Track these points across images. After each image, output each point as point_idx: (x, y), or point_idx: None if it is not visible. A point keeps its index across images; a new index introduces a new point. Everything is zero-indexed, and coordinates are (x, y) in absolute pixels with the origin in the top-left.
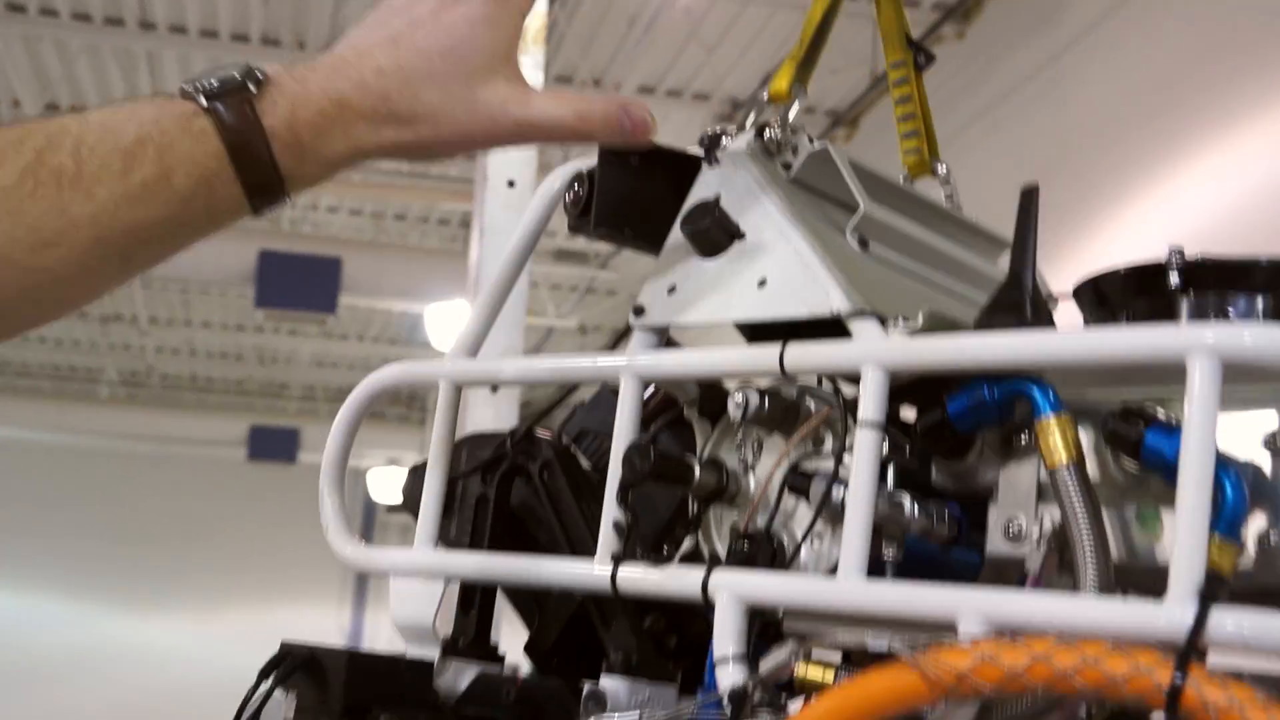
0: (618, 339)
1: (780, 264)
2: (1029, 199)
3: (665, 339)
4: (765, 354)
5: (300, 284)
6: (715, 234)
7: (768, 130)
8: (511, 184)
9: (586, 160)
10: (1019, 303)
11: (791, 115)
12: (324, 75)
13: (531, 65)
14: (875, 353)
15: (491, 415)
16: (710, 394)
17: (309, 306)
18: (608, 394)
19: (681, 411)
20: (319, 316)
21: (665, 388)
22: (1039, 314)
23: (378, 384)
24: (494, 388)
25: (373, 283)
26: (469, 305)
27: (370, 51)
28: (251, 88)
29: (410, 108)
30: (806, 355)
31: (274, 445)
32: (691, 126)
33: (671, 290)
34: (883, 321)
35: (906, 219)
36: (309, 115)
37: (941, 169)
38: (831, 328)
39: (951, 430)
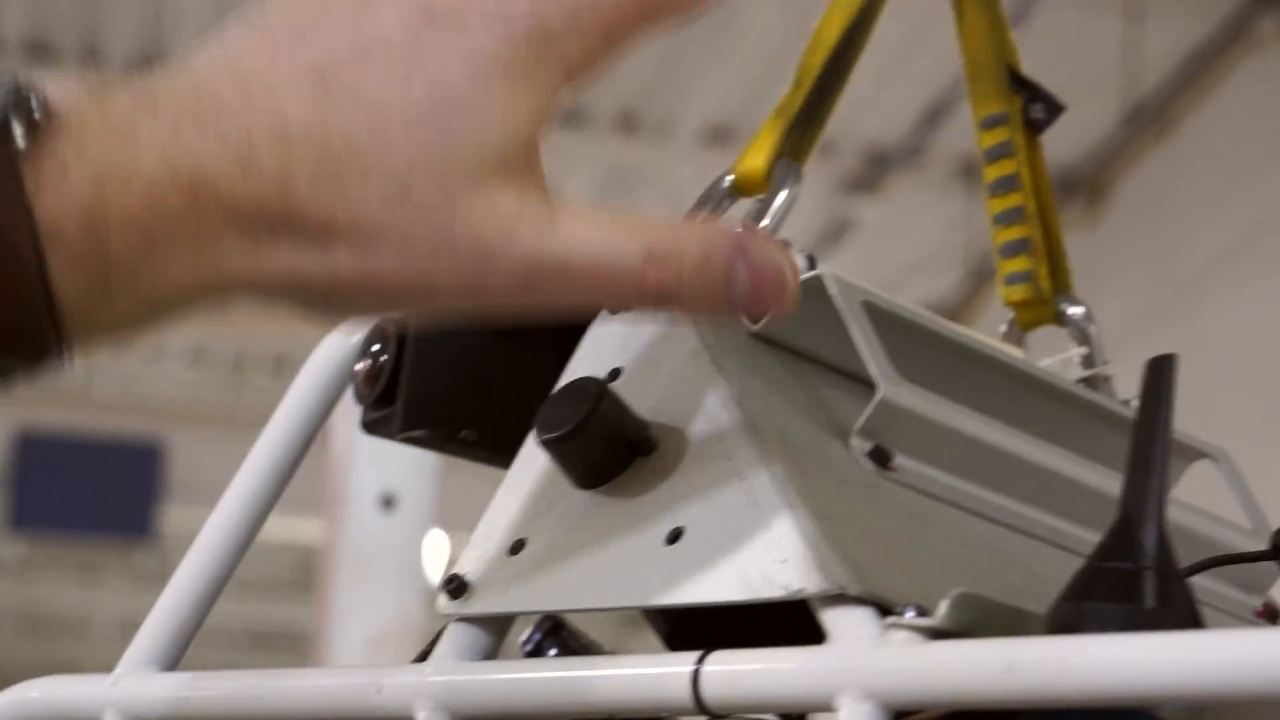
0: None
1: (713, 504)
2: (1160, 374)
3: (506, 631)
4: (667, 671)
5: (91, 488)
6: (597, 443)
7: None
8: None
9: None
10: (1130, 576)
11: (772, 215)
12: (169, 124)
13: None
14: (859, 672)
15: None
16: None
17: (107, 528)
18: None
19: None
20: (125, 545)
21: None
22: (1169, 596)
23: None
24: None
25: (222, 481)
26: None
27: (272, 89)
28: (18, 134)
29: (329, 213)
30: (743, 677)
31: None
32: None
33: (517, 549)
34: (885, 612)
35: (978, 411)
36: (129, 204)
37: (1074, 311)
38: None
39: None
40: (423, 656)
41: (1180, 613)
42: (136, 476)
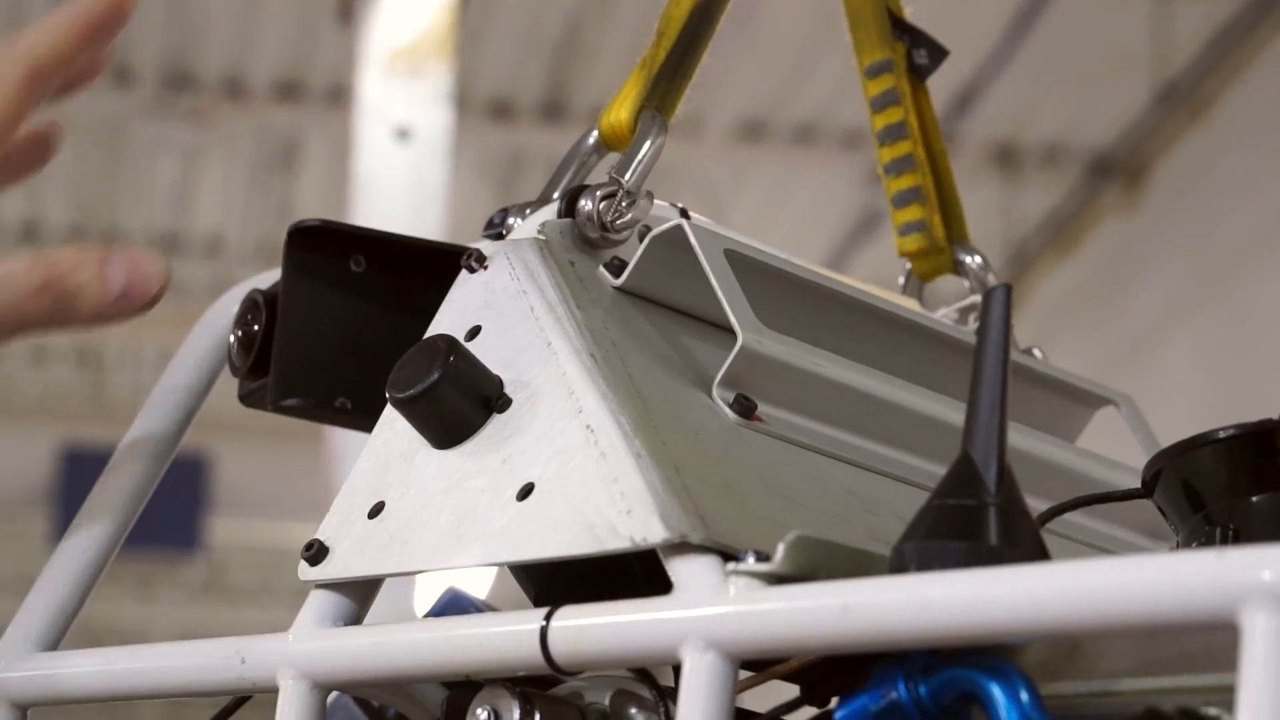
0: None
1: (563, 457)
2: (994, 306)
3: (371, 595)
4: (514, 631)
5: None
6: (449, 402)
7: (584, 201)
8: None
9: (272, 274)
10: (972, 512)
11: (635, 168)
12: None
13: (430, 95)
14: (699, 622)
15: None
16: (464, 708)
17: (154, 541)
18: (348, 708)
19: None
20: (171, 561)
21: (378, 699)
22: (1013, 533)
23: None
24: None
25: (267, 493)
26: None
27: None
28: None
29: None
30: (589, 631)
31: None
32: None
33: (376, 511)
34: (728, 559)
35: (847, 358)
36: None
37: (971, 260)
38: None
39: None
40: None
41: (1026, 550)
42: (183, 489)
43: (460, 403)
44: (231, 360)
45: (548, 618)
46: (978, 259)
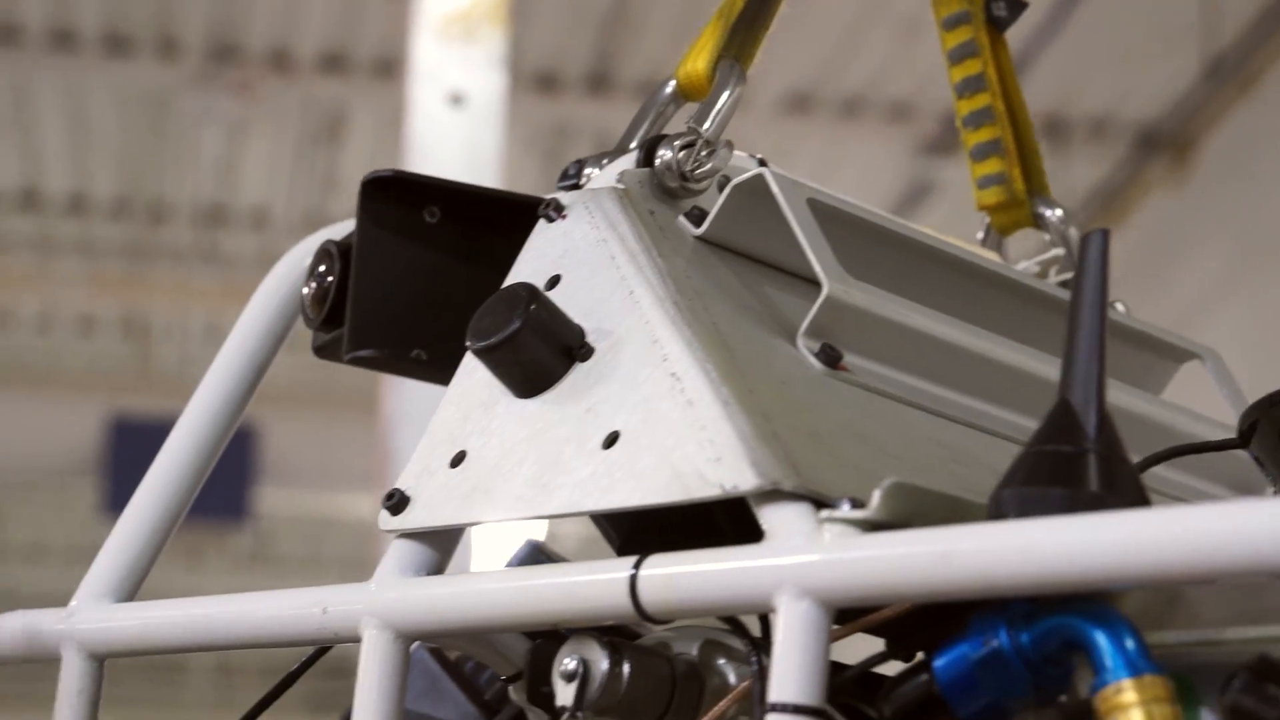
0: None
1: (648, 405)
2: (1092, 252)
3: (453, 545)
4: (602, 580)
5: None
6: (530, 350)
7: (663, 150)
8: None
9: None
10: (1072, 459)
11: (714, 117)
12: None
13: (484, 61)
14: (793, 569)
15: None
16: (548, 659)
17: (203, 511)
18: (424, 663)
19: None
20: (219, 530)
21: (462, 651)
22: (1113, 479)
23: None
24: None
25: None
26: None
27: None
28: None
29: None
30: (679, 580)
31: None
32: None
33: (458, 461)
34: (821, 507)
35: (933, 309)
36: None
37: (1052, 213)
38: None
39: (947, 715)
40: None
41: (1127, 497)
42: (230, 459)
43: (541, 351)
44: (305, 312)
45: (636, 566)
46: (1059, 212)
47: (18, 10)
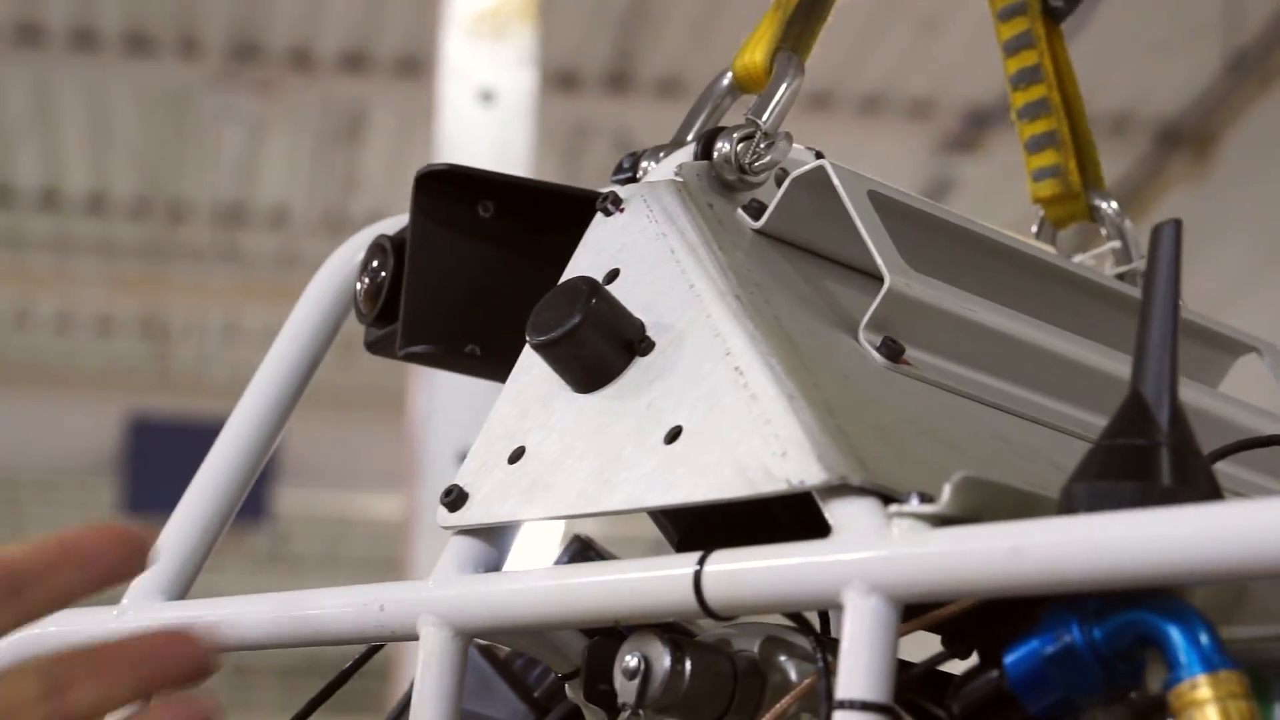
0: None
1: (711, 400)
2: (1164, 243)
3: (509, 541)
4: (667, 576)
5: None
6: (591, 344)
7: (721, 143)
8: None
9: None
10: (1144, 452)
11: (772, 109)
12: None
13: (514, 59)
14: (862, 564)
15: None
16: (606, 656)
17: None
18: (474, 662)
19: None
20: (240, 528)
21: (516, 648)
22: (1186, 473)
23: None
24: None
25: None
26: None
27: None
28: None
29: None
30: (745, 576)
31: None
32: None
33: (517, 457)
34: (891, 503)
35: (994, 303)
36: None
37: (1107, 206)
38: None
39: (1017, 712)
40: None
41: (1200, 490)
42: None
43: (602, 345)
44: (358, 307)
45: (701, 562)
46: (1114, 205)
47: (39, 10)
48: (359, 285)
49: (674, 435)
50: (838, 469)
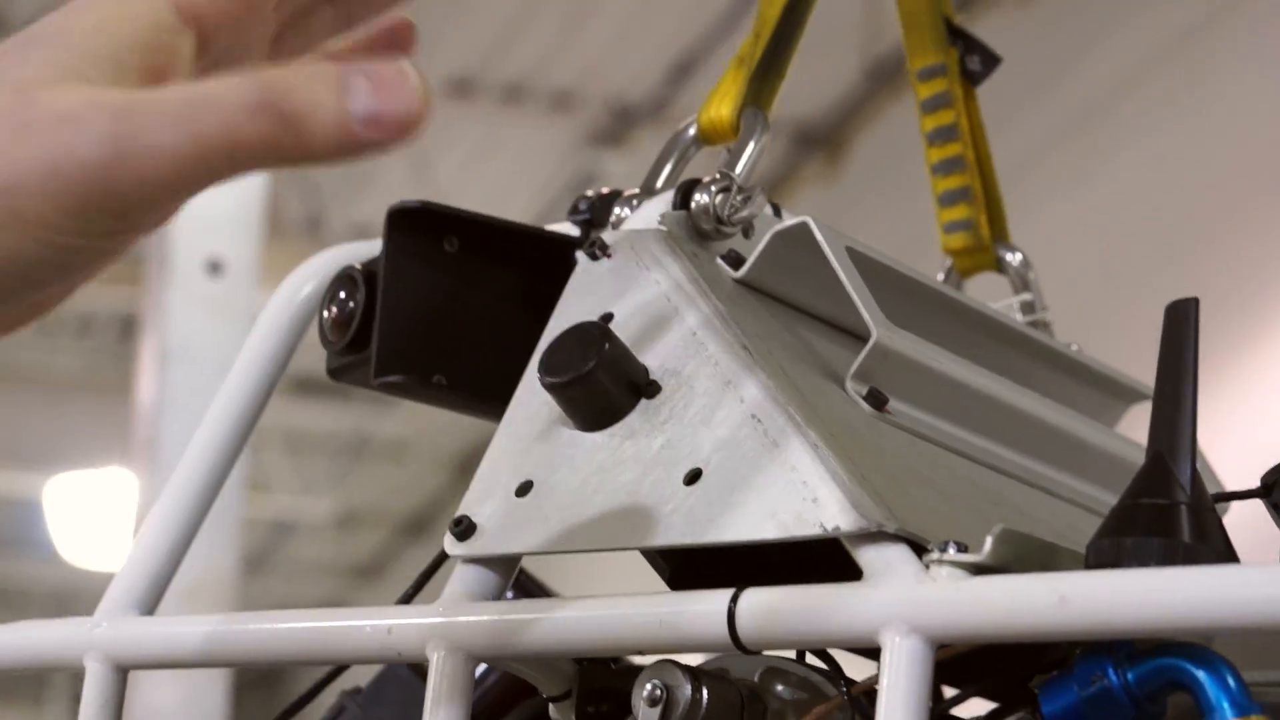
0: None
1: (730, 446)
2: (1179, 318)
3: (514, 571)
4: (701, 609)
5: None
6: (604, 387)
7: (699, 194)
8: (216, 268)
9: (364, 247)
10: (1167, 512)
11: (744, 164)
12: None
13: None
14: (905, 606)
15: (178, 700)
16: (597, 680)
17: None
18: (403, 676)
19: (544, 708)
20: None
21: (509, 669)
22: (1204, 530)
23: None
24: None
25: None
26: (136, 481)
27: None
28: None
29: None
30: (781, 613)
31: None
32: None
33: (524, 490)
34: (919, 551)
35: (952, 354)
36: None
37: (1013, 258)
38: (816, 559)
39: None
40: (407, 598)
41: (1215, 546)
42: None
43: (613, 388)
44: (324, 334)
45: (734, 600)
46: (1019, 256)
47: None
48: (326, 314)
49: (693, 477)
50: (874, 516)
